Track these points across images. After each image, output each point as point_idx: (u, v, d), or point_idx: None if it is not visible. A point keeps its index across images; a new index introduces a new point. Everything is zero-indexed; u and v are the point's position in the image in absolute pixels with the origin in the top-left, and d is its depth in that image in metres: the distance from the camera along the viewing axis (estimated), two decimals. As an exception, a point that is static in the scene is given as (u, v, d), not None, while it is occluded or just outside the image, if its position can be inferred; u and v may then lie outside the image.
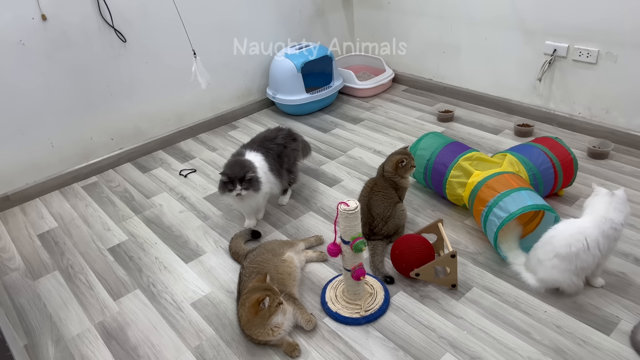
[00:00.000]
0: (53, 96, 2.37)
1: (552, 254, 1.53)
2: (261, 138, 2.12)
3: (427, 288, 1.70)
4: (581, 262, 1.51)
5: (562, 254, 1.51)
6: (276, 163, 2.07)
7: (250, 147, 2.06)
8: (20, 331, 1.70)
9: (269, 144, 2.08)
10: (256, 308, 1.43)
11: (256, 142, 2.09)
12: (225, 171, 1.90)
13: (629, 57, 2.26)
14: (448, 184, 1.98)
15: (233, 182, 1.86)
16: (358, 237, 1.48)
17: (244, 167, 1.89)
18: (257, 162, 1.97)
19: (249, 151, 2.03)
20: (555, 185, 1.97)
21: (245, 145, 2.10)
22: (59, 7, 2.25)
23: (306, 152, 2.36)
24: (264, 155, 2.03)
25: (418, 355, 1.47)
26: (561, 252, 1.51)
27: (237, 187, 1.86)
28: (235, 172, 1.88)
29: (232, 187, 1.87)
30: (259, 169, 1.95)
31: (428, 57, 3.14)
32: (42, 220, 2.29)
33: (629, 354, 1.42)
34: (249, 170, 1.89)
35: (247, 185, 1.88)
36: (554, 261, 1.53)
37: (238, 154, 2.04)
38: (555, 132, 2.59)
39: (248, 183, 1.88)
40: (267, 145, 2.08)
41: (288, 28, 3.14)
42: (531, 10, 2.51)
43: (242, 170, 1.88)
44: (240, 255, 1.88)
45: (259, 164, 1.97)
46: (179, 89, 2.80)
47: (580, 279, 1.56)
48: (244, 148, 2.07)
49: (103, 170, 2.65)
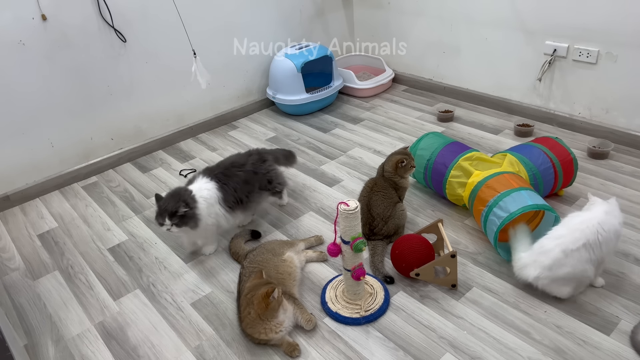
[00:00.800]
0: (53, 96, 2.37)
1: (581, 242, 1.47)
2: (228, 163, 1.93)
3: (427, 288, 1.70)
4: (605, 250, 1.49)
5: (591, 241, 1.47)
6: (238, 193, 1.88)
7: (209, 173, 1.88)
8: (20, 331, 1.70)
9: (236, 170, 1.91)
10: (266, 301, 1.42)
11: (220, 168, 1.91)
12: (159, 201, 1.74)
13: (629, 58, 2.26)
14: (448, 184, 1.98)
15: (162, 216, 1.70)
16: (358, 237, 1.48)
17: (178, 201, 1.70)
18: (205, 193, 1.79)
19: (202, 178, 1.85)
20: (555, 185, 1.97)
21: (207, 169, 1.92)
22: (59, 7, 2.25)
23: (290, 160, 2.23)
24: (220, 184, 1.85)
25: (418, 355, 1.47)
26: (590, 239, 1.47)
27: (167, 222, 1.69)
28: (167, 205, 1.70)
29: (162, 221, 1.70)
30: (203, 201, 1.77)
31: (428, 57, 3.14)
32: (42, 220, 2.29)
33: (629, 354, 1.42)
34: (182, 205, 1.69)
35: (178, 221, 1.69)
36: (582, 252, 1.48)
37: (191, 181, 1.87)
38: (555, 132, 2.59)
39: (180, 219, 1.70)
40: (233, 172, 1.90)
41: (288, 28, 3.14)
42: (531, 11, 2.51)
43: (174, 204, 1.69)
44: (240, 255, 1.88)
45: (206, 195, 1.79)
46: (179, 89, 2.80)
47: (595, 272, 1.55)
48: (202, 173, 1.89)
49: (103, 170, 2.65)
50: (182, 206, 1.69)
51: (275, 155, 2.12)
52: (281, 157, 2.17)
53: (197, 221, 1.75)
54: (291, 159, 2.25)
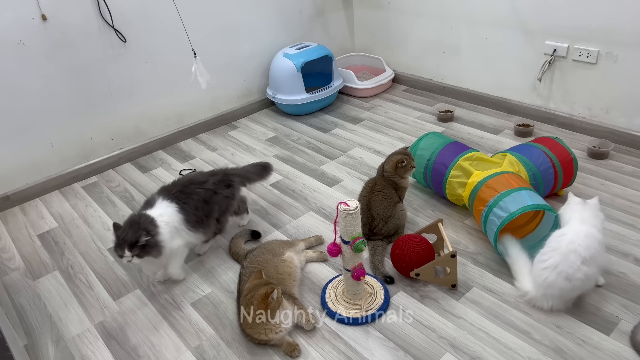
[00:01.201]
0: (53, 96, 2.37)
1: (579, 262, 1.45)
2: (186, 181, 1.80)
3: (427, 288, 1.70)
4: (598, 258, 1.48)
5: (587, 257, 1.45)
6: (199, 212, 1.76)
7: (167, 194, 1.74)
8: (20, 331, 1.70)
9: (195, 187, 1.77)
10: (266, 302, 1.43)
11: (177, 187, 1.77)
12: (117, 231, 1.59)
13: (629, 57, 2.26)
14: (448, 184, 1.98)
15: (121, 247, 1.56)
16: (358, 237, 1.48)
17: (138, 230, 1.57)
18: (166, 217, 1.67)
19: (161, 200, 1.72)
20: (555, 185, 1.97)
21: (163, 189, 1.78)
22: (59, 7, 2.25)
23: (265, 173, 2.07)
24: (180, 204, 1.72)
25: (418, 355, 1.47)
26: (586, 256, 1.44)
27: (127, 254, 1.56)
28: (126, 235, 1.56)
29: (121, 252, 1.57)
30: (165, 226, 1.65)
31: (428, 57, 3.14)
32: (42, 220, 2.29)
33: (629, 354, 1.42)
34: (143, 233, 1.57)
35: (139, 251, 1.57)
36: (583, 268, 1.45)
37: (148, 203, 1.74)
38: (555, 132, 2.59)
39: (141, 249, 1.57)
40: (192, 189, 1.76)
41: (288, 28, 3.14)
42: (531, 11, 2.51)
43: (134, 233, 1.56)
44: (240, 255, 1.88)
45: (167, 219, 1.67)
46: (179, 89, 2.80)
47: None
48: (158, 194, 1.76)
49: (103, 170, 2.65)
50: (142, 235, 1.56)
51: (245, 175, 1.96)
52: (253, 174, 2.01)
53: (160, 249, 1.62)
54: (266, 172, 2.08)
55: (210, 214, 1.80)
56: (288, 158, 2.60)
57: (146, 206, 1.73)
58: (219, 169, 1.92)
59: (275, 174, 2.45)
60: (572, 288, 1.48)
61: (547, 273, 1.49)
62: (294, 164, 2.54)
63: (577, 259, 1.45)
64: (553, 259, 1.48)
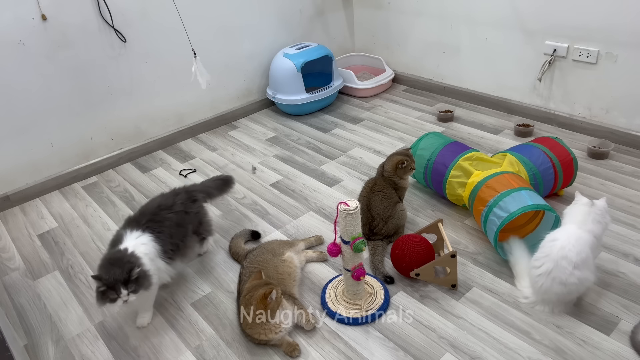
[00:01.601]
0: (53, 96, 2.37)
1: (571, 267, 1.45)
2: (154, 208, 1.69)
3: (427, 288, 1.70)
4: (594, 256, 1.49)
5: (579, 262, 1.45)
6: (174, 239, 1.67)
7: (136, 225, 1.63)
8: (20, 331, 1.70)
9: (165, 213, 1.68)
10: (264, 303, 1.43)
11: (146, 216, 1.66)
12: (101, 275, 1.45)
13: (629, 57, 2.26)
14: (448, 184, 1.98)
15: (115, 288, 1.43)
16: (358, 237, 1.48)
17: (125, 264, 1.46)
18: (143, 248, 1.57)
19: (131, 233, 1.60)
20: (555, 185, 1.97)
21: (130, 220, 1.66)
22: (59, 7, 2.25)
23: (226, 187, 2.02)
24: (155, 234, 1.62)
25: (418, 355, 1.47)
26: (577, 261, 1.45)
27: (123, 293, 1.43)
28: (115, 274, 1.43)
29: (115, 294, 1.43)
30: (145, 257, 1.55)
31: (428, 57, 3.14)
32: (42, 220, 2.29)
33: (629, 354, 1.42)
34: (134, 265, 1.46)
35: (134, 286, 1.46)
36: (576, 273, 1.45)
37: (117, 239, 1.61)
38: (555, 132, 2.59)
39: (136, 283, 1.46)
40: (162, 216, 1.67)
41: (288, 28, 3.14)
42: (531, 11, 2.51)
43: (123, 269, 1.44)
44: (240, 255, 1.88)
45: (145, 250, 1.57)
46: (179, 89, 2.80)
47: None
48: (126, 227, 1.64)
49: (103, 170, 2.65)
50: (135, 267, 1.46)
51: (206, 191, 1.90)
52: (214, 189, 1.95)
53: (150, 278, 1.52)
54: (227, 185, 2.02)
55: (186, 236, 1.72)
56: (288, 158, 2.60)
57: (116, 243, 1.59)
58: (180, 188, 1.84)
59: (275, 174, 2.46)
60: (568, 292, 1.49)
61: (542, 280, 1.50)
62: (294, 164, 2.54)
63: (568, 264, 1.45)
64: (546, 266, 1.49)
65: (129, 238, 1.59)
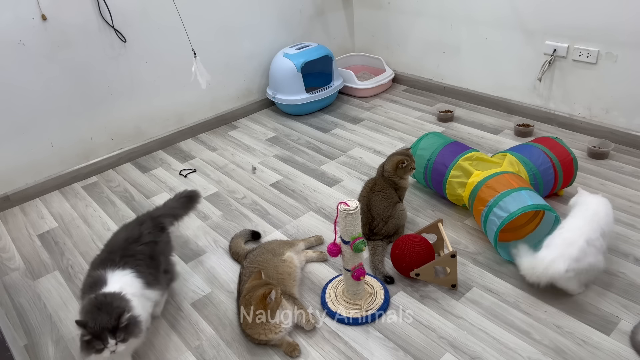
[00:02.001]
0: (53, 96, 2.37)
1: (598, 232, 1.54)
2: (122, 242, 1.54)
3: (427, 288, 1.70)
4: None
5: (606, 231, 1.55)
6: (151, 269, 1.54)
7: (111, 262, 1.47)
8: (20, 331, 1.70)
9: (136, 246, 1.53)
10: (264, 303, 1.43)
11: (117, 252, 1.50)
12: (86, 321, 1.28)
13: (629, 57, 2.26)
14: (448, 184, 1.98)
15: (101, 338, 1.26)
16: (358, 237, 1.48)
17: (113, 309, 1.30)
18: (128, 287, 1.42)
19: (110, 271, 1.45)
20: (555, 185, 1.97)
21: (102, 260, 1.50)
22: (59, 7, 2.25)
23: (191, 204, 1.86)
24: (135, 268, 1.48)
25: (418, 355, 1.47)
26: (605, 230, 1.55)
27: (110, 343, 1.27)
28: (102, 321, 1.27)
29: (102, 344, 1.27)
30: (134, 297, 1.40)
31: (428, 57, 3.14)
32: (42, 220, 2.29)
33: (629, 354, 1.42)
34: (123, 310, 1.30)
35: (123, 335, 1.29)
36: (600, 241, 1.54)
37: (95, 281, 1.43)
38: (555, 132, 2.59)
39: (125, 331, 1.30)
40: (134, 249, 1.52)
41: (288, 28, 3.14)
42: (531, 10, 2.51)
43: (111, 315, 1.28)
44: (240, 255, 1.88)
45: (131, 289, 1.42)
46: (179, 89, 2.80)
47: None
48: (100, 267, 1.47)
49: (103, 170, 2.65)
50: (124, 312, 1.30)
51: (171, 213, 1.75)
52: (179, 209, 1.80)
53: (139, 323, 1.37)
54: (193, 202, 1.87)
55: (159, 267, 1.59)
56: (288, 158, 2.60)
57: (97, 285, 1.42)
58: (143, 215, 1.70)
59: (275, 174, 2.46)
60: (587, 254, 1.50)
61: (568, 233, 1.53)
62: (294, 164, 2.54)
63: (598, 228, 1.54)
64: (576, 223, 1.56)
65: (112, 279, 1.43)
